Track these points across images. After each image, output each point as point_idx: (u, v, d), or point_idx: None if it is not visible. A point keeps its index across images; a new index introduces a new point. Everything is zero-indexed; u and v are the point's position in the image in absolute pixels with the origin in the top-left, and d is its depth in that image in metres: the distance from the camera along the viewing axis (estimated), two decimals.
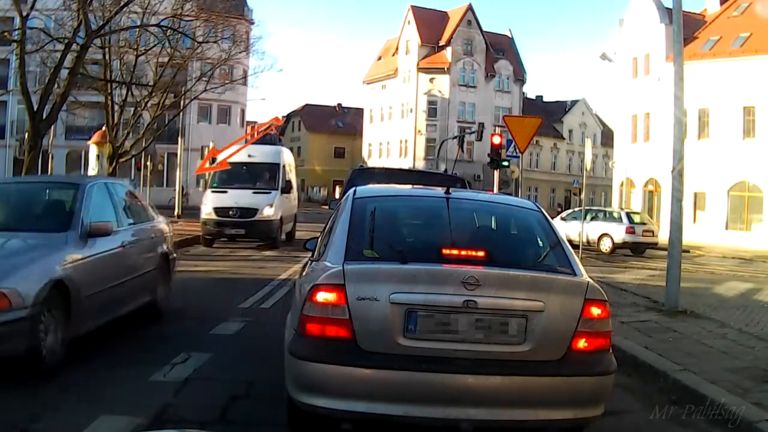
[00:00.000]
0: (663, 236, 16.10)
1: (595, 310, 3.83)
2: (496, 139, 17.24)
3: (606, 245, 24.07)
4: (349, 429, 3.92)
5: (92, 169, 26.70)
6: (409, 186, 7.32)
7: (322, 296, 3.70)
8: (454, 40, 61.89)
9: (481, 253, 3.94)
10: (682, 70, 9.86)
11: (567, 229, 22.00)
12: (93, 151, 26.64)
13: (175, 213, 26.76)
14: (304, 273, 4.56)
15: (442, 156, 50.12)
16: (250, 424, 4.49)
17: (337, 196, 47.17)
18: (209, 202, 16.91)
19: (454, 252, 3.93)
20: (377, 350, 3.64)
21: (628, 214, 25.23)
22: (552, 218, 5.01)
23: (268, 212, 16.67)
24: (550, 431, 3.99)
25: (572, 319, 3.78)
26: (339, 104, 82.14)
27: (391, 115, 66.06)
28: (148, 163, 25.08)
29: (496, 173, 18.17)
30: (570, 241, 6.16)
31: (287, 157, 19.60)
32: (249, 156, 18.49)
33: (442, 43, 62.32)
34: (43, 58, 20.78)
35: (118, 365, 5.65)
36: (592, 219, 24.59)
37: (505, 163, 18.05)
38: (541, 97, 74.13)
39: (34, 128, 16.22)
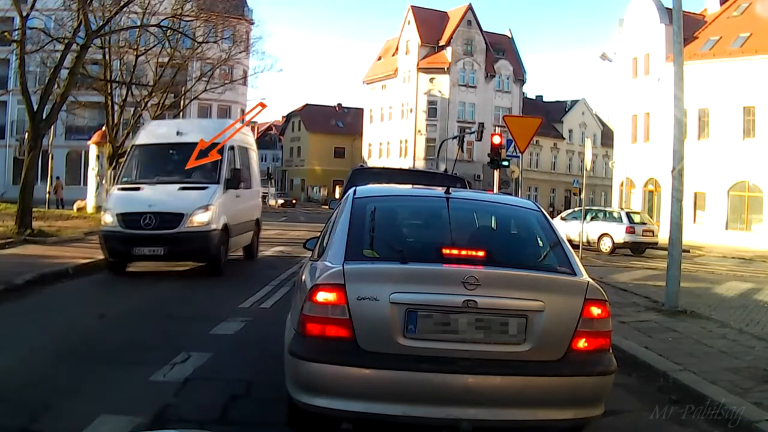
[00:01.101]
0: (663, 236, 16.12)
1: (595, 310, 3.83)
2: (496, 139, 17.22)
3: (606, 245, 24.07)
4: (349, 429, 3.92)
5: (92, 169, 26.78)
6: (409, 186, 7.31)
7: (322, 296, 3.70)
8: (454, 40, 61.92)
9: (481, 253, 3.94)
10: (682, 70, 9.86)
11: (567, 229, 22.01)
12: (93, 151, 26.73)
13: None
14: (304, 273, 4.56)
15: (442, 156, 50.17)
16: (250, 424, 4.49)
17: (337, 196, 47.17)
18: (113, 206, 11.19)
19: (454, 252, 3.93)
20: (377, 350, 3.64)
21: (628, 214, 25.22)
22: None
23: (201, 219, 10.93)
24: (550, 431, 3.99)
25: (572, 319, 3.77)
26: (339, 104, 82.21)
27: (391, 115, 66.08)
28: None
29: (496, 173, 18.16)
30: (570, 241, 6.15)
31: (238, 135, 13.35)
32: (178, 134, 12.32)
33: (442, 43, 62.36)
34: (43, 58, 20.84)
35: (118, 365, 5.65)
36: (592, 219, 24.60)
37: (505, 163, 18.02)
38: (541, 97, 74.22)
39: (34, 128, 16.23)
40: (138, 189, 11.53)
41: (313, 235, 5.81)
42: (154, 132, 13.07)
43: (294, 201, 62.79)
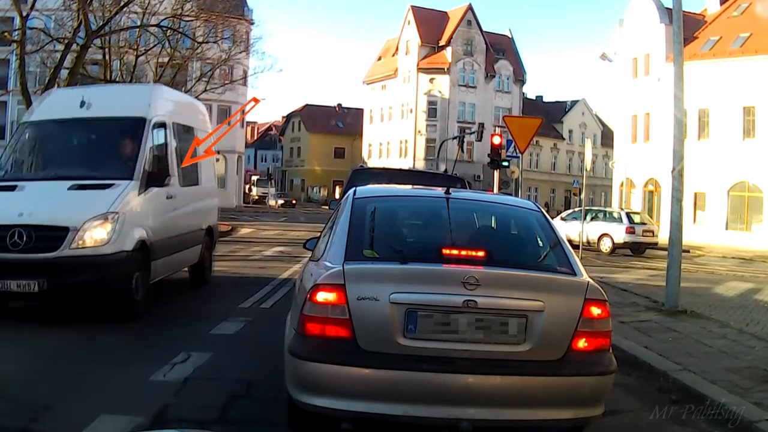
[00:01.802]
0: (663, 236, 16.11)
1: (595, 310, 3.83)
2: (496, 140, 17.22)
3: (606, 245, 24.07)
4: (349, 429, 3.92)
5: None
6: (409, 186, 7.31)
7: (322, 296, 3.69)
8: (454, 40, 61.91)
9: (481, 253, 3.94)
10: (682, 70, 9.86)
11: (567, 229, 22.01)
12: None
13: None
14: (304, 273, 4.56)
15: (442, 156, 50.16)
16: (250, 424, 4.49)
17: (337, 196, 47.16)
18: None
19: (454, 252, 3.93)
20: (377, 350, 3.64)
21: (628, 214, 25.23)
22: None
23: (96, 235, 7.05)
24: (550, 431, 3.99)
25: (572, 319, 3.77)
26: (339, 104, 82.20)
27: (391, 115, 66.07)
28: None
29: (496, 173, 18.15)
30: (570, 241, 6.15)
31: (176, 107, 9.63)
32: (83, 105, 8.43)
33: (442, 43, 62.34)
34: (43, 58, 20.86)
35: (118, 365, 5.65)
36: (592, 219, 24.60)
37: (505, 164, 18.03)
38: (541, 97, 74.22)
39: None
40: (13, 188, 7.64)
41: (313, 236, 5.80)
42: (51, 104, 9.00)
43: (294, 201, 62.84)
